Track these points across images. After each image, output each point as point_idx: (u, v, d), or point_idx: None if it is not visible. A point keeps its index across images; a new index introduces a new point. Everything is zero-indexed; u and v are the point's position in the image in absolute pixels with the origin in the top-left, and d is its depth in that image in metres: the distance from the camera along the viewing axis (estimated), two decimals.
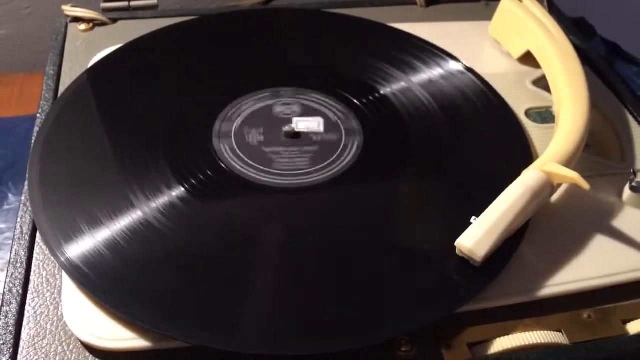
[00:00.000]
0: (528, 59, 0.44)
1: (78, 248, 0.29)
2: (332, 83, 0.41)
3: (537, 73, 0.43)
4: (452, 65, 0.42)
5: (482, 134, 0.38)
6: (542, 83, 0.42)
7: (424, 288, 0.29)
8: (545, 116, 0.40)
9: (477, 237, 0.29)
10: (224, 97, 0.39)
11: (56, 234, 0.30)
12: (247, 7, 0.60)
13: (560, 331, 0.29)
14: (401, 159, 0.36)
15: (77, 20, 0.47)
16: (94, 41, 0.45)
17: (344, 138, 0.36)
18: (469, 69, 0.42)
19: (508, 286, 0.30)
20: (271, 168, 0.34)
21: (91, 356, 0.27)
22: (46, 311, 0.29)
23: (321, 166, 0.34)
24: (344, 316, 0.28)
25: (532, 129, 0.39)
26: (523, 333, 0.28)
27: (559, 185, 0.33)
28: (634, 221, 0.34)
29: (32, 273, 0.30)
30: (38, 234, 0.31)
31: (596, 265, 0.31)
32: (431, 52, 0.43)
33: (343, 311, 0.28)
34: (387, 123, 0.38)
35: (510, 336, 0.28)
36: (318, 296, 0.29)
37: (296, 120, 0.37)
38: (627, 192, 0.35)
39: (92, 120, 0.36)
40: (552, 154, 0.33)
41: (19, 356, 0.27)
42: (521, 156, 0.36)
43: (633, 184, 0.34)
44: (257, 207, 0.33)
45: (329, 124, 0.37)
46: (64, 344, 0.27)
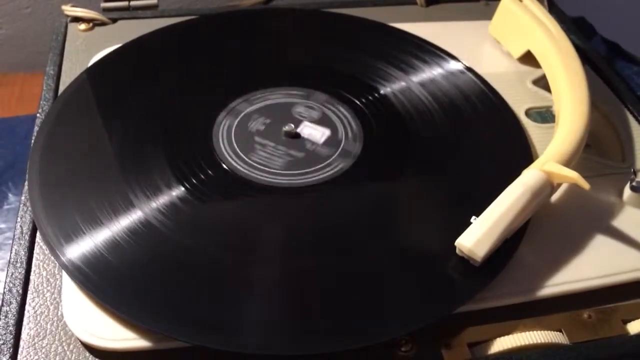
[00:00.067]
0: (528, 59, 0.44)
1: (78, 248, 0.29)
2: (332, 83, 0.41)
3: (537, 73, 0.43)
4: (452, 64, 0.42)
5: (482, 134, 0.38)
6: (542, 83, 0.42)
7: (424, 288, 0.29)
8: (545, 116, 0.40)
9: (477, 237, 0.29)
10: (224, 97, 0.39)
11: (56, 234, 0.30)
12: (247, 7, 0.60)
13: (560, 331, 0.29)
14: (401, 159, 0.36)
15: (77, 20, 0.47)
16: (94, 41, 0.45)
17: (333, 157, 0.35)
18: (469, 69, 0.42)
19: (508, 286, 0.30)
20: (247, 156, 0.34)
21: (91, 356, 0.27)
22: (46, 311, 0.29)
23: (290, 172, 0.34)
24: (344, 316, 0.28)
25: (532, 129, 0.39)
26: (523, 333, 0.28)
27: (559, 185, 0.33)
28: (634, 221, 0.34)
29: (32, 273, 0.30)
30: (38, 234, 0.31)
31: (596, 265, 0.31)
32: (431, 52, 0.43)
33: (343, 311, 0.28)
34: (387, 123, 0.38)
35: (510, 336, 0.28)
36: (318, 296, 0.29)
37: (305, 124, 0.37)
38: (627, 192, 0.35)
39: (92, 120, 0.36)
40: (552, 154, 0.32)
41: (19, 356, 0.27)
42: (521, 156, 0.36)
43: (633, 184, 0.34)
44: (258, 207, 0.33)
45: (331, 140, 0.36)
46: (64, 344, 0.27)
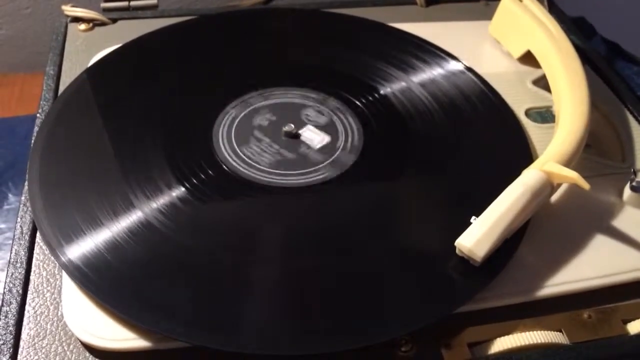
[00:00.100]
0: (528, 59, 0.44)
1: (78, 248, 0.29)
2: (332, 83, 0.41)
3: (537, 73, 0.43)
4: (452, 64, 0.42)
5: (482, 134, 0.38)
6: (542, 83, 0.42)
7: (424, 288, 0.29)
8: (545, 116, 0.40)
9: (477, 237, 0.29)
10: (224, 97, 0.39)
11: (56, 234, 0.30)
12: (247, 7, 0.60)
13: (560, 331, 0.29)
14: (401, 159, 0.36)
15: (77, 20, 0.47)
16: (94, 41, 0.45)
17: (322, 165, 0.35)
18: (469, 69, 0.42)
19: (508, 286, 0.30)
20: (239, 148, 0.35)
21: (91, 356, 0.27)
22: (46, 311, 0.29)
23: (273, 171, 0.34)
24: (344, 316, 0.28)
25: (532, 129, 0.39)
26: (523, 333, 0.28)
27: (559, 185, 0.33)
28: (634, 221, 0.34)
29: (32, 273, 0.30)
30: (38, 234, 0.31)
31: (596, 265, 0.31)
32: (431, 52, 0.43)
33: (343, 311, 0.28)
34: (387, 123, 0.38)
35: (510, 336, 0.28)
36: (318, 296, 0.29)
37: (309, 127, 0.36)
38: (627, 192, 0.35)
39: (92, 120, 0.36)
40: (552, 154, 0.32)
41: (19, 356, 0.27)
42: (521, 156, 0.36)
43: (633, 184, 0.34)
44: (258, 207, 0.33)
45: (328, 148, 0.36)
46: (64, 344, 0.27)
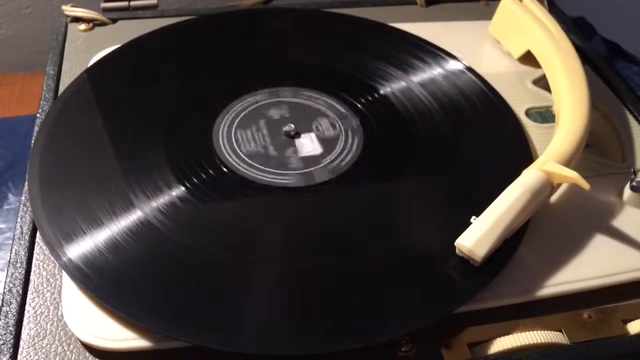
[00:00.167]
0: (528, 59, 0.44)
1: (78, 248, 0.29)
2: (332, 83, 0.41)
3: (537, 73, 0.43)
4: (452, 64, 0.42)
5: (482, 134, 0.38)
6: (543, 82, 0.42)
7: (424, 288, 0.29)
8: (545, 116, 0.40)
9: (477, 237, 0.29)
10: (224, 97, 0.39)
11: (56, 234, 0.30)
12: (247, 7, 0.60)
13: (560, 331, 0.29)
14: (401, 159, 0.36)
15: (77, 20, 0.47)
16: (94, 41, 0.45)
17: (292, 173, 0.34)
18: (469, 69, 0.42)
19: (508, 286, 0.30)
20: (235, 130, 0.36)
21: (91, 356, 0.27)
22: (46, 311, 0.29)
23: (246, 161, 0.35)
24: (344, 316, 0.28)
25: (532, 129, 0.39)
26: (523, 333, 0.28)
27: (559, 185, 0.33)
28: (634, 221, 0.34)
29: (32, 273, 0.30)
30: (38, 234, 0.31)
31: (596, 265, 0.31)
32: (431, 52, 0.43)
33: (343, 311, 0.28)
34: (387, 123, 0.38)
35: (510, 336, 0.28)
36: (318, 296, 0.29)
37: (311, 135, 0.36)
38: (627, 192, 0.35)
39: (92, 120, 0.36)
40: (552, 154, 0.32)
41: (19, 356, 0.27)
42: (521, 156, 0.36)
43: (633, 184, 0.34)
44: (258, 207, 0.33)
45: (312, 160, 0.35)
46: (64, 344, 0.27)
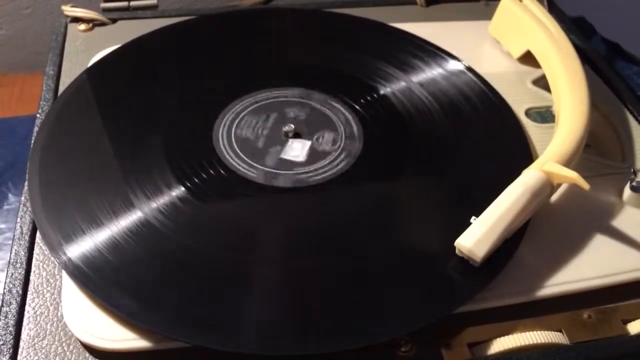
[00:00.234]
0: (528, 59, 0.44)
1: (78, 248, 0.29)
2: (332, 83, 0.40)
3: (537, 73, 0.43)
4: (453, 64, 0.42)
5: (482, 134, 0.38)
6: (542, 82, 0.42)
7: (424, 288, 0.29)
8: (545, 116, 0.40)
9: (477, 237, 0.29)
10: (224, 97, 0.39)
11: (56, 234, 0.30)
12: (247, 7, 0.60)
13: (560, 331, 0.29)
14: (401, 159, 0.36)
15: (77, 20, 0.47)
16: (94, 41, 0.45)
17: (259, 168, 0.34)
18: (469, 69, 0.42)
19: (508, 286, 0.30)
20: (244, 114, 0.37)
21: (91, 357, 0.27)
22: (46, 311, 0.29)
23: (233, 146, 0.35)
24: (344, 316, 0.28)
25: (532, 129, 0.39)
26: (523, 333, 0.28)
27: (559, 185, 0.33)
28: (634, 221, 0.34)
29: (32, 273, 0.30)
30: (38, 234, 0.31)
31: (596, 265, 0.31)
32: (431, 52, 0.43)
33: (343, 311, 0.28)
34: (387, 123, 0.38)
35: (510, 336, 0.28)
36: (318, 296, 0.29)
37: (306, 143, 0.36)
38: (627, 192, 0.35)
39: (92, 120, 0.36)
40: (552, 154, 0.32)
41: (19, 356, 0.27)
42: (521, 156, 0.36)
43: (633, 184, 0.34)
44: (258, 207, 0.33)
45: (288, 164, 0.35)
46: (64, 345, 0.27)
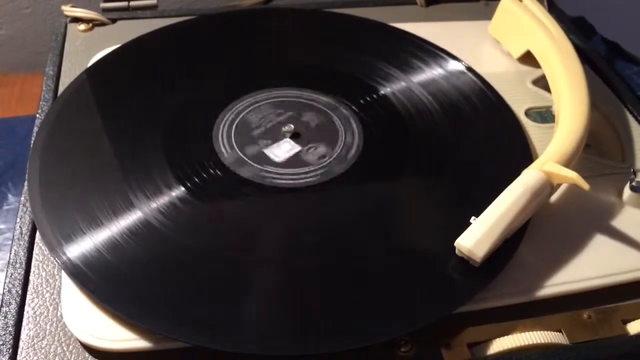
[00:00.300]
0: (528, 59, 0.44)
1: (78, 248, 0.29)
2: (332, 83, 0.41)
3: (537, 73, 0.43)
4: (453, 64, 0.42)
5: (482, 134, 0.38)
6: (542, 83, 0.42)
7: (424, 288, 0.29)
8: (545, 116, 0.40)
9: (477, 237, 0.29)
10: (224, 97, 0.39)
11: (56, 234, 0.30)
12: (247, 7, 0.60)
13: (560, 331, 0.29)
14: (401, 159, 0.36)
15: (77, 20, 0.47)
16: (94, 41, 0.45)
17: (238, 156, 0.35)
18: (469, 69, 0.42)
19: (508, 286, 0.30)
20: (259, 105, 0.38)
21: (90, 357, 0.27)
22: (45, 312, 0.29)
23: (230, 132, 0.36)
24: (344, 316, 0.28)
25: (532, 129, 0.39)
26: (523, 333, 0.28)
27: (559, 185, 0.33)
28: (634, 221, 0.34)
29: (32, 273, 0.30)
30: (37, 234, 0.31)
31: (596, 265, 0.31)
32: (431, 52, 0.43)
33: (343, 311, 0.28)
34: (387, 123, 0.38)
35: (510, 336, 0.28)
36: (318, 296, 0.29)
37: (300, 149, 0.36)
38: (627, 192, 0.34)
39: (92, 120, 0.36)
40: (552, 154, 0.32)
41: (19, 357, 0.27)
42: (521, 156, 0.36)
43: (633, 184, 0.34)
44: (258, 207, 0.33)
45: (267, 161, 0.35)
46: (64, 345, 0.27)
